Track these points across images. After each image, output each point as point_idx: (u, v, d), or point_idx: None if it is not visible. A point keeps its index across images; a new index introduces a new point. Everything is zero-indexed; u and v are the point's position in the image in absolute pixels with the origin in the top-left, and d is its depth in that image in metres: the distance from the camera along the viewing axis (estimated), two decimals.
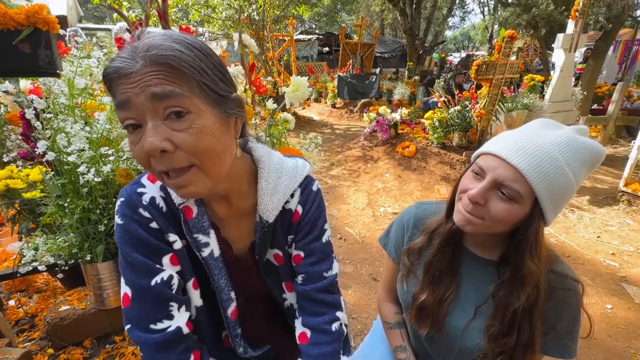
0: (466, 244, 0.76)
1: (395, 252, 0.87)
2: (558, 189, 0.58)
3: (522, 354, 0.66)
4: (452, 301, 0.73)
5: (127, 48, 0.45)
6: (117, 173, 1.03)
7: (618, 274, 2.24)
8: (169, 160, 0.46)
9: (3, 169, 1.34)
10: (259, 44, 6.49)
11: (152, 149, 0.44)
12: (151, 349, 0.55)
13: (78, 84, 1.02)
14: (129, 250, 0.56)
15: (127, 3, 6.59)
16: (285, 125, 1.36)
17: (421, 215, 0.83)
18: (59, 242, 1.18)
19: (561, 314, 0.67)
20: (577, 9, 4.14)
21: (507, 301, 0.65)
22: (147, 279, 0.55)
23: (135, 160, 0.49)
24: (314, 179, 0.70)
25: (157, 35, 0.45)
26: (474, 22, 35.29)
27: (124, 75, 0.43)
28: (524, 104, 4.53)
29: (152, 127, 0.44)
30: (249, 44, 1.19)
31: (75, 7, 4.94)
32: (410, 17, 11.27)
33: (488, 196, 0.61)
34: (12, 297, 1.67)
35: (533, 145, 0.58)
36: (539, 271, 0.63)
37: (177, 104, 0.44)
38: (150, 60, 0.43)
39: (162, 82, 0.43)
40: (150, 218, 0.57)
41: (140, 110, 0.44)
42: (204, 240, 0.60)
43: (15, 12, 0.86)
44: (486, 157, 0.63)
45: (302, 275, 0.67)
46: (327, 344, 0.64)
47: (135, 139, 0.46)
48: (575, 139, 0.59)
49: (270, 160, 0.64)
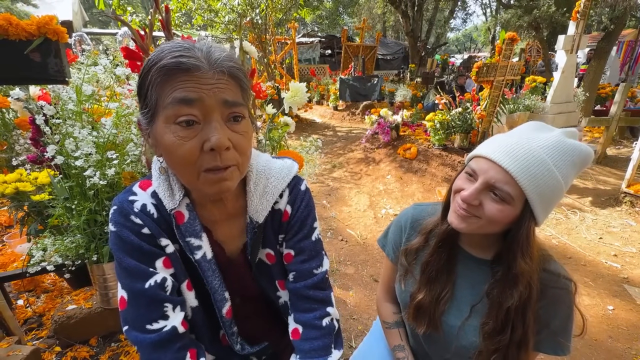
0: (462, 244, 0.78)
1: (393, 253, 0.88)
2: (547, 190, 0.60)
3: (516, 352, 0.67)
4: (449, 300, 0.75)
5: (181, 45, 0.50)
6: (122, 176, 1.07)
7: (620, 275, 2.23)
8: (224, 157, 0.52)
9: (12, 172, 1.38)
10: (261, 47, 6.54)
11: (221, 145, 0.50)
12: (148, 349, 0.57)
13: (85, 91, 1.06)
14: (122, 256, 0.58)
15: (132, 8, 6.70)
16: (285, 129, 1.39)
17: (418, 216, 0.85)
18: (66, 243, 1.22)
19: (554, 312, 0.68)
20: (578, 10, 4.14)
21: (500, 300, 0.67)
22: (141, 282, 0.58)
23: (177, 156, 0.51)
24: (302, 179, 0.72)
25: (216, 48, 0.52)
26: (477, 23, 35.23)
27: (190, 73, 0.48)
28: (526, 105, 4.53)
29: (218, 126, 0.50)
30: (249, 50, 1.23)
31: (80, 12, 5.03)
32: (412, 19, 11.30)
33: (481, 197, 0.63)
34: (21, 296, 1.71)
35: (523, 148, 0.60)
36: (530, 270, 0.64)
37: (240, 111, 0.53)
38: (226, 71, 0.51)
39: (232, 92, 0.52)
40: (142, 224, 0.59)
41: (208, 110, 0.50)
42: (196, 243, 0.63)
43: (27, 23, 0.90)
44: (479, 160, 0.65)
45: (293, 273, 0.69)
46: (317, 339, 0.66)
47: (189, 134, 0.50)
48: (563, 142, 0.61)
49: (258, 162, 0.67)
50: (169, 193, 0.61)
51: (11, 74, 1.00)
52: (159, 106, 0.50)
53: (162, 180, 0.61)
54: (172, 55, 0.48)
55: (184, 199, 0.62)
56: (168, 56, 0.48)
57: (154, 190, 0.62)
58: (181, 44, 0.50)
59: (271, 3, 6.30)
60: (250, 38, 6.41)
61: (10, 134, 1.88)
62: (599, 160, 4.31)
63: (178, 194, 0.61)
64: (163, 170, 0.62)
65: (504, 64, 3.58)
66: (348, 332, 1.72)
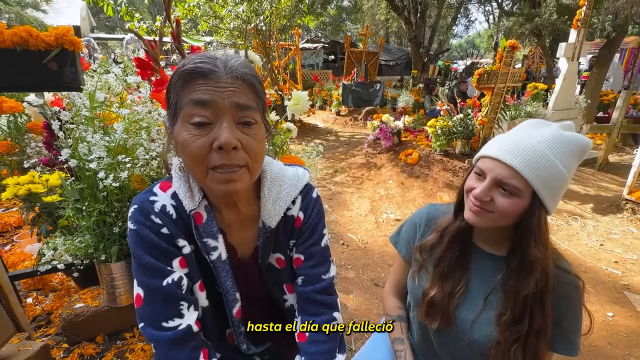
0: (475, 240, 0.80)
1: (405, 250, 0.91)
2: (551, 180, 0.65)
3: (536, 340, 0.68)
4: (462, 294, 0.77)
5: (204, 54, 0.55)
6: (132, 179, 1.12)
7: (620, 282, 2.23)
8: (232, 156, 0.54)
9: (24, 174, 1.44)
10: (264, 53, 6.63)
11: (228, 143, 0.52)
12: (164, 346, 0.59)
13: (98, 97, 1.12)
14: (141, 253, 0.60)
15: (139, 15, 6.83)
16: (287, 135, 1.43)
17: (433, 214, 0.88)
18: (76, 243, 1.26)
19: (565, 308, 0.70)
20: (579, 18, 4.18)
21: (516, 289, 0.69)
22: (158, 280, 0.59)
23: (188, 152, 0.54)
24: (313, 187, 0.75)
25: (234, 56, 0.57)
26: (479, 30, 35.36)
27: (207, 77, 0.52)
28: (527, 111, 4.55)
29: (228, 127, 0.53)
30: (254, 59, 1.28)
31: (88, 17, 5.15)
32: (415, 26, 11.40)
33: (491, 193, 0.68)
34: (30, 295, 1.75)
35: (523, 145, 0.66)
36: (544, 257, 0.67)
37: (251, 115, 0.56)
38: (240, 76, 0.54)
39: (245, 96, 0.55)
40: (161, 224, 0.61)
41: (220, 112, 0.53)
42: (212, 244, 0.65)
43: (46, 35, 0.96)
44: (485, 160, 0.70)
45: (302, 277, 0.72)
46: (324, 343, 0.68)
47: (200, 133, 0.53)
48: (560, 135, 0.67)
49: (272, 169, 0.70)
50: (189, 194, 0.63)
51: (30, 82, 1.05)
52: (179, 107, 0.55)
53: (182, 181, 0.64)
54: (194, 62, 0.53)
55: (202, 200, 0.64)
56: (190, 63, 0.53)
57: (173, 192, 0.65)
58: (205, 53, 0.55)
59: (275, 10, 6.41)
60: (255, 44, 6.50)
61: (22, 137, 1.95)
62: (601, 166, 4.31)
63: (197, 195, 0.63)
64: (182, 170, 0.65)
65: (505, 71, 3.62)
66: (348, 335, 1.74)
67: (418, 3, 11.30)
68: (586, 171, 4.28)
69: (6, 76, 1.02)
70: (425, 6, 11.65)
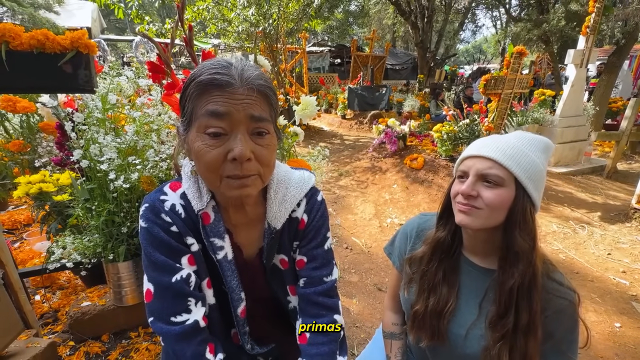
0: (466, 253, 0.79)
1: (399, 261, 0.90)
2: (529, 167, 0.68)
3: (524, 340, 0.66)
4: (453, 311, 0.76)
5: (219, 63, 0.55)
6: (141, 180, 1.13)
7: (628, 292, 2.20)
8: (245, 167, 0.55)
9: (35, 173, 1.47)
10: (272, 56, 6.68)
11: (242, 156, 0.54)
12: (172, 340, 0.61)
13: (110, 100, 1.14)
14: (152, 250, 0.62)
15: (149, 17, 6.95)
16: (294, 139, 1.45)
17: (424, 225, 0.87)
18: (84, 241, 1.28)
19: (559, 322, 0.69)
20: (588, 25, 4.16)
21: (502, 279, 0.69)
22: (168, 276, 0.61)
23: (203, 162, 0.55)
24: (318, 190, 0.76)
25: (250, 67, 0.57)
26: (486, 35, 35.27)
27: (222, 89, 0.53)
28: (535, 118, 4.53)
29: (242, 138, 0.55)
30: (263, 64, 1.30)
31: (99, 19, 5.23)
32: (421, 31, 11.42)
33: (477, 188, 0.69)
34: (38, 292, 1.78)
35: (496, 140, 0.71)
36: (530, 249, 0.67)
37: (265, 126, 0.57)
38: (256, 88, 0.55)
39: (260, 108, 0.56)
40: (171, 222, 0.63)
41: (235, 124, 0.54)
42: (219, 244, 0.67)
43: (62, 38, 0.98)
44: (464, 162, 0.73)
45: (304, 279, 0.72)
46: (324, 345, 0.69)
47: (216, 143, 0.54)
48: (525, 134, 0.73)
49: (279, 172, 0.71)
50: (198, 195, 0.65)
51: (45, 84, 1.09)
52: (194, 116, 0.56)
53: (192, 182, 0.66)
54: (210, 72, 0.54)
55: (210, 201, 0.66)
56: (206, 72, 0.54)
57: (183, 192, 0.66)
58: (220, 62, 0.56)
59: (283, 14, 6.47)
60: (262, 47, 6.56)
61: (34, 137, 1.99)
62: (609, 174, 4.26)
63: (206, 196, 0.65)
64: (194, 173, 0.66)
65: (512, 76, 3.61)
66: (351, 339, 1.74)
67: (425, 8, 11.32)
68: (594, 179, 4.23)
69: (23, 78, 1.05)
70: (432, 11, 11.67)
